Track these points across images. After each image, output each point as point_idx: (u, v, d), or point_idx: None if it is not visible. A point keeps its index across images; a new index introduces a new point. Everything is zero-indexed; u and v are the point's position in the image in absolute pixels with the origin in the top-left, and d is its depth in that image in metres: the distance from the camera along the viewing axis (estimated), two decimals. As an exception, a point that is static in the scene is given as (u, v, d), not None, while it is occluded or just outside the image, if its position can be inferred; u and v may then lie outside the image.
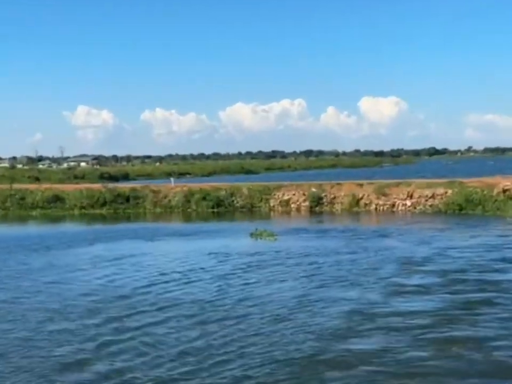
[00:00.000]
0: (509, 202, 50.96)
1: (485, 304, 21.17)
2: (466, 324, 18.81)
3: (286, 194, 60.55)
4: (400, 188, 57.34)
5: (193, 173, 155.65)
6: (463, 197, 53.14)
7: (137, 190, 65.77)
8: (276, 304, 22.13)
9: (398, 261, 29.85)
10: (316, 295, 23.27)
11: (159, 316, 20.85)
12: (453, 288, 23.71)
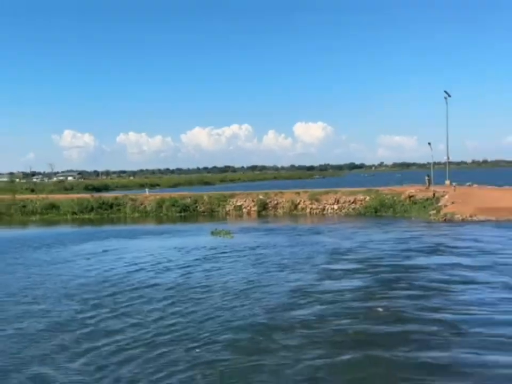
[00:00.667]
0: (413, 206, 51.98)
1: (396, 282, 21.83)
2: (382, 297, 19.40)
3: (238, 201, 60.86)
4: (329, 195, 57.91)
5: (162, 185, 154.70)
6: (378, 202, 53.95)
7: (119, 199, 65.68)
8: (232, 285, 22.52)
9: (328, 252, 30.35)
10: (265, 278, 23.67)
11: (138, 294, 21.32)
12: (371, 271, 24.27)
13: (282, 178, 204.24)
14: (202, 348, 14.64)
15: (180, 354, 14.23)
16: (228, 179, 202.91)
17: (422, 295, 19.62)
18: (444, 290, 20.32)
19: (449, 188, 57.39)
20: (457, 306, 18.03)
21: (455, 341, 14.45)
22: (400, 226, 42.29)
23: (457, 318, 16.49)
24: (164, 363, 13.64)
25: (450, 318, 16.51)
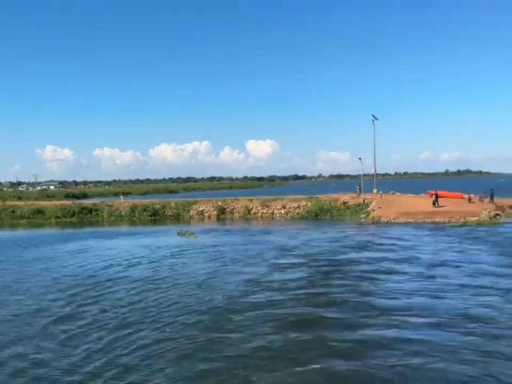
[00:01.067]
0: (347, 210, 52.61)
1: (333, 273, 22.35)
2: (323, 285, 19.93)
3: (201, 206, 60.81)
4: (277, 202, 58.30)
5: (133, 193, 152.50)
6: (318, 207, 54.44)
7: (97, 205, 65.01)
8: (195, 276, 22.74)
9: (276, 249, 30.73)
10: (223, 271, 24.00)
11: (112, 285, 21.48)
12: (313, 264, 24.78)
13: (236, 188, 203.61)
14: (170, 327, 14.97)
15: (148, 333, 14.58)
16: (190, 188, 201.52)
17: (355, 283, 20.26)
18: (372, 278, 21.00)
19: (376, 196, 58.06)
20: (383, 291, 18.75)
21: (381, 319, 15.10)
22: (336, 228, 42.69)
23: (383, 301, 17.19)
24: (133, 340, 13.97)
25: (378, 301, 17.21)
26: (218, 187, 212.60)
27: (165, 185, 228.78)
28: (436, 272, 21.77)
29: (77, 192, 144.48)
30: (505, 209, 47.34)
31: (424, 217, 43.42)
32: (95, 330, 14.96)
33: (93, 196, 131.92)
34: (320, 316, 15.58)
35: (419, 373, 10.97)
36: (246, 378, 11.13)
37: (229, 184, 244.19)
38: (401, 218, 44.26)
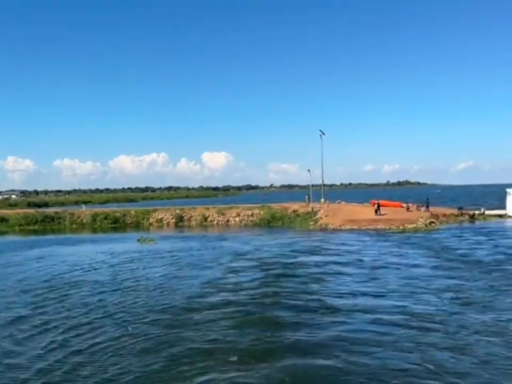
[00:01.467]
0: (297, 218, 53.22)
1: (284, 275, 22.65)
2: (274, 286, 20.14)
3: (159, 214, 60.25)
4: (232, 210, 58.50)
5: (93, 202, 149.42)
6: (270, 215, 54.95)
7: (59, 213, 63.50)
8: (155, 279, 22.69)
9: (231, 254, 30.83)
10: (181, 274, 23.99)
11: (75, 289, 21.07)
12: (266, 267, 25.00)
13: (193, 197, 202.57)
14: (132, 326, 14.92)
15: (110, 330, 14.51)
16: (149, 197, 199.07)
17: (304, 284, 20.62)
18: (320, 279, 21.42)
19: (323, 205, 58.77)
20: (331, 291, 19.16)
21: (328, 316, 15.45)
22: (287, 234, 43.04)
23: (330, 299, 17.58)
24: (94, 336, 13.93)
25: (325, 299, 17.58)
26: (176, 196, 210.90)
27: (124, 194, 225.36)
28: (378, 273, 22.38)
29: (38, 201, 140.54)
30: (439, 217, 49.03)
31: (367, 225, 44.38)
32: (55, 330, 14.75)
33: (54, 205, 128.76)
34: (271, 315, 15.77)
35: (364, 362, 11.34)
36: (204, 368, 11.28)
37: (186, 193, 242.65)
38: (346, 226, 45.09)
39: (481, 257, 26.43)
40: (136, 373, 11.19)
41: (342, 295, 18.27)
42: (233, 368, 11.28)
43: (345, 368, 11.08)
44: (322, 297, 17.92)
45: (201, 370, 11.20)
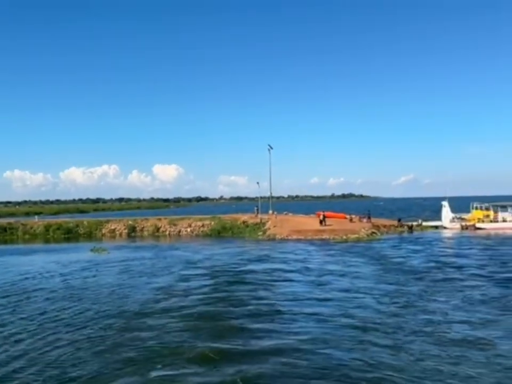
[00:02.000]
0: (246, 229, 53.48)
1: (234, 282, 23.07)
2: (224, 291, 20.60)
3: (112, 225, 59.33)
4: (184, 221, 58.24)
5: (44, 213, 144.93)
6: (220, 226, 55.07)
7: (12, 224, 61.68)
8: (108, 287, 22.69)
9: (183, 262, 31.01)
10: (135, 281, 24.13)
11: (26, 296, 20.91)
12: (216, 274, 25.41)
13: (144, 208, 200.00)
14: (84, 330, 15.05)
15: (65, 335, 14.61)
16: (100, 208, 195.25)
17: (253, 289, 21.17)
18: (268, 285, 22.07)
19: (272, 216, 59.51)
20: (278, 295, 19.83)
21: (276, 318, 16.07)
22: (237, 244, 43.52)
23: (277, 303, 18.24)
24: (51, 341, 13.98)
25: (272, 303, 18.20)
26: (127, 207, 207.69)
27: (75, 205, 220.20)
28: (323, 280, 23.20)
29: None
30: (380, 228, 50.84)
31: (313, 235, 45.41)
32: (12, 336, 14.69)
33: (4, 216, 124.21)
34: (221, 317, 16.21)
35: (310, 358, 11.98)
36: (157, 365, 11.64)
37: (137, 205, 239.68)
38: (293, 236, 46.00)
39: (415, 265, 27.77)
40: (93, 369, 11.50)
41: (290, 300, 18.89)
42: (184, 367, 11.70)
43: (293, 363, 11.68)
44: (271, 302, 18.50)
45: (154, 367, 11.62)
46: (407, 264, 28.08)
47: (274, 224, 51.83)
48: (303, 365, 11.59)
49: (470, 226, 53.49)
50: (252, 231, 51.89)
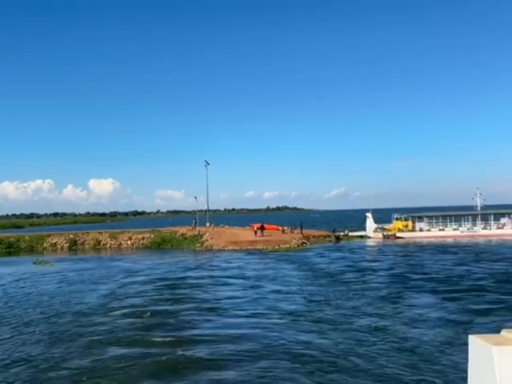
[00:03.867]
0: (185, 240, 55.22)
1: (173, 286, 25.32)
2: (167, 293, 22.81)
3: (53, 239, 59.09)
4: (124, 234, 59.25)
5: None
6: (160, 238, 56.53)
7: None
8: (57, 294, 24.17)
9: (125, 271, 32.73)
10: (81, 289, 25.75)
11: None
12: (156, 280, 27.50)
13: (81, 223, 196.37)
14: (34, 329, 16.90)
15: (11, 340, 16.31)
16: (35, 223, 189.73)
17: (193, 291, 23.57)
18: (207, 288, 24.43)
19: (209, 228, 61.32)
20: (216, 297, 22.21)
21: (215, 314, 18.47)
22: (176, 254, 45.27)
23: (217, 301, 20.68)
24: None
25: (211, 303, 20.61)
26: (63, 222, 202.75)
27: (9, 220, 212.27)
28: (256, 284, 25.77)
29: None
30: (310, 238, 54.27)
31: (248, 245, 47.98)
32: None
33: None
34: (167, 311, 18.38)
35: (246, 341, 14.45)
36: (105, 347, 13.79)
37: (73, 219, 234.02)
38: (229, 246, 48.43)
39: (335, 269, 30.91)
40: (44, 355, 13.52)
41: (228, 299, 21.43)
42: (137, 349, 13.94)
43: (232, 346, 14.12)
44: (208, 302, 20.85)
45: (102, 350, 13.83)
46: (328, 269, 31.11)
47: (212, 236, 53.93)
48: (240, 348, 14.05)
49: (391, 235, 57.91)
50: (190, 243, 53.61)
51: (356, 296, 21.41)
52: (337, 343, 14.17)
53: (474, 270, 28.22)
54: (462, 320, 16.32)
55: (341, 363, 12.34)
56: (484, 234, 56.48)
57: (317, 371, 11.77)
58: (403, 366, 11.96)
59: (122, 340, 15.04)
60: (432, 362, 12.16)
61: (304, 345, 13.97)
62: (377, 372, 11.54)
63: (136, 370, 12.28)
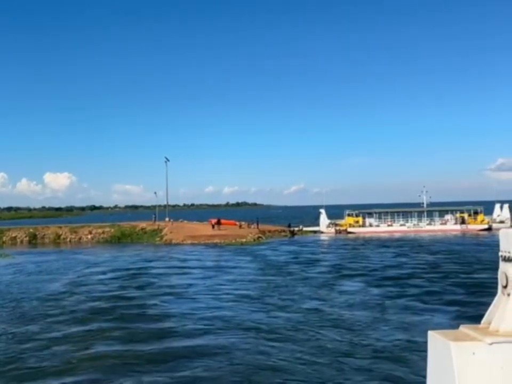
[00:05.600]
0: (145, 235, 57.02)
1: (134, 276, 27.35)
2: (128, 280, 24.82)
3: (13, 233, 59.43)
4: (84, 228, 60.28)
5: None
6: (120, 233, 57.84)
7: None
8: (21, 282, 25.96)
9: (85, 263, 34.51)
10: (44, 279, 27.50)
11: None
12: (117, 271, 29.49)
13: (37, 217, 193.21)
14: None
15: None
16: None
17: (154, 279, 25.85)
18: (167, 276, 26.76)
19: (168, 223, 62.38)
20: (176, 283, 24.58)
21: (176, 297, 20.78)
22: (136, 248, 46.92)
23: (177, 288, 23.14)
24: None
25: (173, 288, 22.98)
26: (18, 217, 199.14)
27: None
28: (214, 273, 28.08)
29: None
30: (265, 233, 57.20)
31: (206, 239, 50.18)
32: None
33: None
34: (126, 298, 20.55)
35: (202, 319, 16.98)
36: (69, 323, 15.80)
37: (28, 214, 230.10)
38: (188, 240, 50.66)
39: (284, 261, 33.59)
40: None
41: (187, 286, 23.81)
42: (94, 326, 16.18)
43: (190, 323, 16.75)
44: (171, 286, 23.32)
45: (67, 325, 16.07)
46: (279, 261, 33.74)
47: (171, 230, 55.83)
48: (194, 327, 16.43)
49: (343, 230, 61.49)
50: (150, 237, 55.37)
51: (299, 284, 24.23)
52: (283, 320, 16.51)
53: (407, 261, 31.56)
54: (380, 302, 19.14)
55: (287, 334, 14.62)
56: (428, 230, 60.57)
57: (267, 340, 13.94)
58: (335, 335, 14.41)
59: (82, 317, 17.34)
60: (355, 333, 14.80)
61: (256, 322, 16.25)
62: (316, 342, 13.72)
63: (99, 340, 14.53)
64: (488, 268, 24.52)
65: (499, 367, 2.00)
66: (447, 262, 30.70)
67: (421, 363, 10.92)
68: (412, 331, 14.43)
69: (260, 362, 12.22)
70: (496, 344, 2.00)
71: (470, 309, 16.89)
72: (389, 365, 11.77)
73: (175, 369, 11.83)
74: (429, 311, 17.39)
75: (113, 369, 11.90)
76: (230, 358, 12.52)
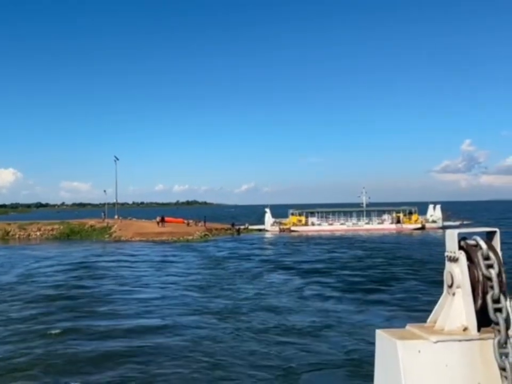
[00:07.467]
0: (94, 232, 57.76)
1: (88, 268, 29.08)
2: (80, 272, 26.58)
3: None
4: (33, 225, 60.63)
5: None
6: (69, 230, 58.55)
7: None
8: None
9: (34, 257, 35.74)
10: None
11: None
12: (68, 264, 30.97)
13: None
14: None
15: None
16: None
17: (105, 271, 27.80)
18: (117, 269, 28.67)
19: (117, 220, 63.75)
20: (124, 275, 26.58)
21: (127, 289, 22.87)
22: (86, 244, 48.15)
23: (127, 278, 25.27)
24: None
25: (123, 279, 25.11)
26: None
27: None
28: (162, 266, 30.35)
29: None
30: (212, 231, 59.46)
31: (154, 236, 51.81)
32: None
33: None
34: (79, 286, 22.45)
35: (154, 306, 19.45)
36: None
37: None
38: (137, 237, 52.04)
39: (227, 256, 36.03)
40: None
41: (136, 277, 25.97)
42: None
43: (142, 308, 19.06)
44: (121, 277, 25.38)
45: None
46: (222, 256, 36.05)
47: (120, 227, 56.99)
48: (149, 307, 18.76)
49: (287, 229, 64.33)
50: (99, 234, 56.32)
51: (236, 276, 26.72)
52: (223, 304, 18.86)
53: (337, 256, 34.59)
54: (300, 288, 22.12)
55: (227, 314, 17.05)
56: (367, 229, 64.24)
57: (214, 319, 16.33)
58: (265, 316, 16.82)
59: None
60: (280, 315, 17.52)
61: (201, 306, 18.64)
62: (251, 322, 16.11)
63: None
64: (404, 264, 28.13)
65: (444, 364, 1.98)
66: (374, 256, 33.87)
67: (334, 339, 13.93)
68: (326, 316, 16.81)
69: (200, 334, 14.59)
70: (441, 342, 1.99)
71: (372, 295, 20.05)
72: (307, 339, 14.07)
73: (129, 342, 13.93)
74: (338, 298, 19.87)
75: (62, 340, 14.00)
76: (177, 333, 14.74)
